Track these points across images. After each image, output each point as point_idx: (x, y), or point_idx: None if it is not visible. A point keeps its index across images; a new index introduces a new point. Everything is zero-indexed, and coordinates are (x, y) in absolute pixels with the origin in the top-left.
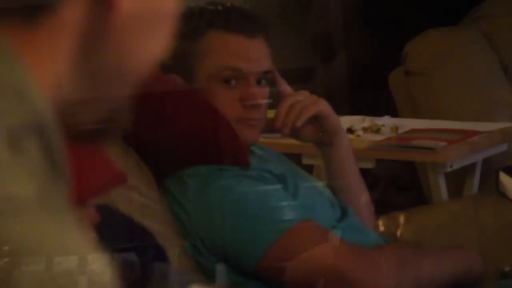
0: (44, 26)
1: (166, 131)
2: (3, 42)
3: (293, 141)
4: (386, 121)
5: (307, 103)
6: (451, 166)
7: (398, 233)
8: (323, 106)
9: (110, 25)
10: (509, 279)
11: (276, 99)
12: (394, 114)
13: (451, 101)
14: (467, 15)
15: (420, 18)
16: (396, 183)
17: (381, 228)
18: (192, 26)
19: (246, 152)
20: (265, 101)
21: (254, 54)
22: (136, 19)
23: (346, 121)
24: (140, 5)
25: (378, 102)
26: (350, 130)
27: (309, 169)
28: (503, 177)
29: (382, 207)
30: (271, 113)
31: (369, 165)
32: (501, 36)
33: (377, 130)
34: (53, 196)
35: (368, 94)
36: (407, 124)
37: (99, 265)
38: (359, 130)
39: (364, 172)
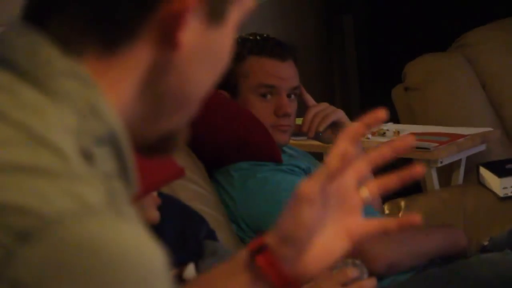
0: (118, 60)
1: (216, 134)
2: (83, 70)
3: (316, 143)
4: (390, 127)
5: (328, 112)
6: (441, 162)
7: (400, 215)
8: (341, 114)
9: (174, 61)
10: (488, 251)
11: (302, 109)
12: (396, 121)
13: (441, 111)
14: (453, 43)
15: (416, 45)
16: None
17: (386, 211)
18: (236, 52)
19: (279, 151)
20: (294, 111)
21: (285, 74)
22: (196, 55)
23: None
24: (199, 43)
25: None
26: None
27: None
28: (483, 171)
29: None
30: (298, 121)
31: None
32: (480, 59)
33: (383, 134)
34: (119, 198)
35: (375, 105)
36: (407, 129)
37: (154, 253)
38: (368, 134)
39: None
